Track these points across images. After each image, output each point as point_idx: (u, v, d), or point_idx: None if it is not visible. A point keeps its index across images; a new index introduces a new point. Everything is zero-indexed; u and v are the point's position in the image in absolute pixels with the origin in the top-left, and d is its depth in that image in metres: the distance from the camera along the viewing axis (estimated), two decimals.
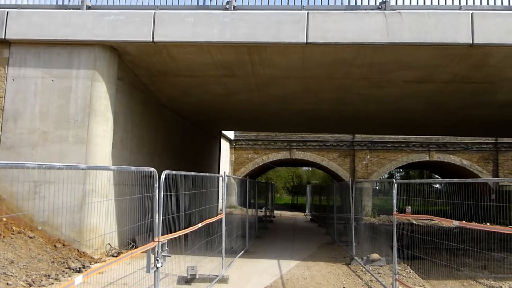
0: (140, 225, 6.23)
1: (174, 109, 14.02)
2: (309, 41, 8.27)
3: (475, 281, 10.28)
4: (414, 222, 22.97)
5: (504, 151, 28.59)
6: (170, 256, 5.45)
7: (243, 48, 8.84)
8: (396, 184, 7.39)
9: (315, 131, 27.53)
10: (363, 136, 29.03)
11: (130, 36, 8.71)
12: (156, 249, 4.95)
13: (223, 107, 14.53)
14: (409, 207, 17.87)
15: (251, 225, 14.57)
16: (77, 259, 7.96)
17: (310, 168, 52.67)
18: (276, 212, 29.02)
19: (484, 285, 9.97)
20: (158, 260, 4.93)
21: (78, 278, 3.16)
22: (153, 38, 8.64)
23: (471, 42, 7.78)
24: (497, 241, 14.24)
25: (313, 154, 30.45)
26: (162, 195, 5.16)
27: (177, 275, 7.80)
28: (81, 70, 8.98)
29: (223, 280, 7.98)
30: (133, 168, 5.06)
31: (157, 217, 5.05)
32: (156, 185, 5.07)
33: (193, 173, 7.37)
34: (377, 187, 29.30)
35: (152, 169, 5.02)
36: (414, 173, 46.81)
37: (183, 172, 6.60)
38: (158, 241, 5.01)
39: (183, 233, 6.29)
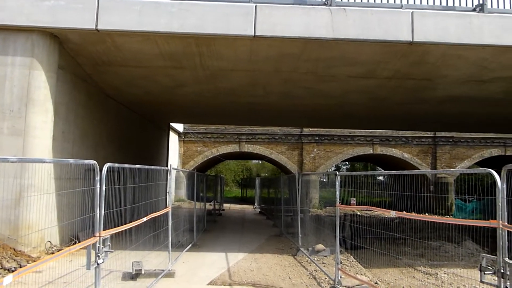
0: (84, 221, 6.01)
1: (120, 100, 13.61)
2: (257, 34, 8.28)
3: (413, 269, 10.83)
4: (358, 213, 23.79)
5: (441, 145, 30.22)
6: (113, 252, 5.29)
7: (191, 40, 8.71)
8: (339, 176, 7.60)
9: (264, 124, 27.78)
10: (310, 129, 29.65)
11: (72, 23, 8.31)
12: (97, 245, 4.80)
13: (171, 99, 14.29)
14: (354, 198, 18.46)
15: (200, 219, 14.48)
16: (12, 259, 7.54)
17: (260, 161, 53.06)
18: (226, 205, 29.02)
19: (421, 272, 10.51)
20: (99, 256, 4.77)
21: (8, 278, 2.98)
22: (96, 26, 8.29)
23: (411, 40, 8.12)
24: (434, 230, 15.07)
25: (262, 147, 30.72)
26: (104, 189, 4.99)
27: (122, 271, 7.61)
28: (18, 57, 8.47)
29: (170, 274, 7.89)
30: (71, 160, 4.84)
31: (98, 211, 4.88)
32: (97, 178, 4.89)
33: (137, 166, 7.19)
34: (324, 180, 30.10)
35: (93, 161, 4.84)
36: (359, 166, 48.43)
37: (127, 165, 6.42)
38: (100, 236, 4.85)
39: (126, 228, 6.14)
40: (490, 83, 10.57)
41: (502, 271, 3.80)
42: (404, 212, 6.97)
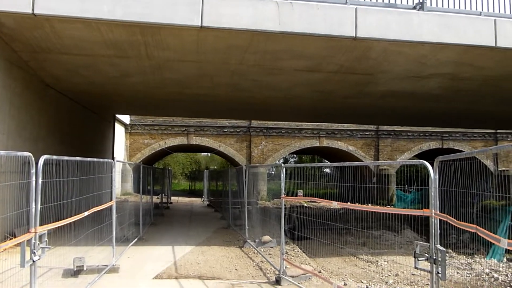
0: (19, 217, 5.67)
1: (61, 90, 12.99)
2: (204, 25, 8.16)
3: (355, 257, 11.24)
4: (305, 205, 24.31)
5: (384, 138, 31.49)
6: (50, 248, 5.07)
7: (135, 28, 8.43)
8: (284, 169, 7.71)
9: (213, 116, 27.61)
10: (259, 122, 29.87)
11: (5, 5, 7.75)
12: (33, 241, 4.57)
13: (116, 90, 13.83)
14: (301, 190, 18.82)
15: (146, 212, 14.22)
16: None
17: (209, 154, 52.77)
18: (174, 198, 28.67)
19: (363, 260, 10.94)
20: (34, 253, 4.55)
21: None
22: (33, 10, 7.80)
23: (354, 35, 8.32)
24: (376, 220, 15.70)
25: (211, 140, 30.56)
26: (40, 182, 4.75)
27: (63, 267, 7.34)
28: None
29: (114, 269, 7.69)
30: (2, 152, 4.53)
31: (33, 206, 4.64)
32: (33, 171, 4.65)
33: (78, 158, 6.91)
34: (272, 172, 30.44)
35: (27, 153, 4.58)
36: (307, 158, 49.42)
37: (66, 157, 6.15)
38: (35, 232, 4.62)
39: (66, 222, 5.89)
40: (429, 79, 11.10)
41: (434, 257, 4.01)
42: (349, 203, 7.18)
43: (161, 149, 30.99)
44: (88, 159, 7.43)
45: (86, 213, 6.65)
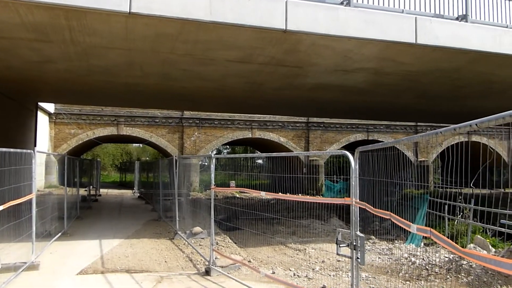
0: None
1: None
2: (132, 11, 7.84)
3: (285, 246, 11.52)
4: (237, 196, 24.48)
5: (314, 130, 32.47)
6: None
7: (58, 11, 7.91)
8: (214, 159, 7.69)
9: (144, 106, 26.82)
10: (191, 113, 29.49)
11: None
12: None
13: (38, 76, 12.94)
14: (233, 181, 18.90)
15: (72, 205, 13.60)
16: None
17: (141, 145, 51.39)
18: (103, 191, 27.68)
19: (292, 248, 11.24)
20: None
21: None
22: None
23: (285, 28, 8.43)
24: (305, 209, 16.19)
25: (142, 130, 29.70)
26: None
27: None
28: None
29: (33, 267, 7.28)
30: None
31: None
32: None
33: None
34: (205, 163, 30.26)
35: None
36: (240, 149, 49.72)
37: None
38: None
39: None
40: (354, 73, 11.55)
41: (354, 243, 4.21)
42: (280, 193, 7.32)
43: (89, 140, 29.63)
44: (3, 149, 6.91)
45: (0, 207, 6.20)
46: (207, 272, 7.38)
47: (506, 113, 2.17)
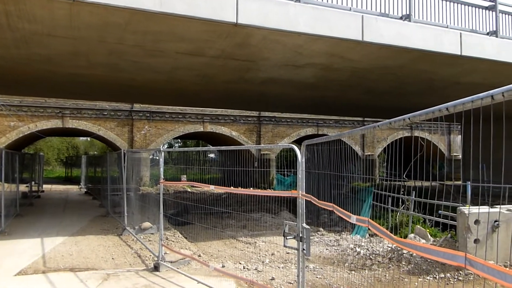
0: None
1: None
2: None
3: (235, 240, 11.56)
4: (189, 190, 24.26)
5: (265, 124, 32.71)
6: None
7: None
8: (163, 153, 7.57)
9: (91, 99, 25.89)
10: (141, 105, 28.79)
11: None
12: None
13: None
14: (185, 175, 18.66)
15: (10, 202, 12.93)
16: None
17: (88, 138, 49.63)
18: (46, 187, 26.54)
19: (242, 242, 11.30)
20: None
21: None
22: None
23: (235, 21, 8.40)
24: (256, 203, 16.32)
25: (89, 123, 28.62)
26: None
27: None
28: None
29: None
30: None
31: None
32: None
33: None
34: (156, 157, 29.68)
35: None
36: (191, 143, 49.24)
37: None
38: None
39: None
40: (304, 68, 11.73)
41: (300, 235, 4.29)
42: (232, 187, 7.32)
43: (31, 133, 28.17)
44: None
45: None
46: (156, 268, 7.27)
47: (435, 108, 2.28)
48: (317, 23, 9.19)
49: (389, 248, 8.08)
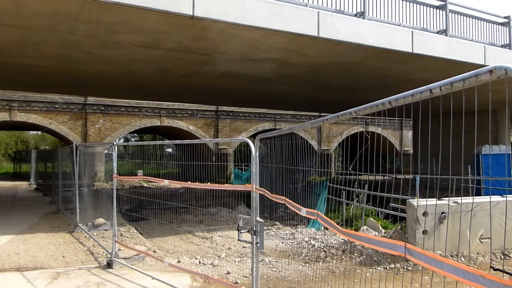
0: None
1: None
2: None
3: (192, 235, 11.49)
4: (145, 185, 23.84)
5: (223, 118, 32.58)
6: None
7: None
8: (116, 147, 7.39)
9: (42, 91, 24.71)
10: (96, 98, 27.86)
11: None
12: None
13: None
14: (141, 170, 18.29)
15: None
16: None
17: (39, 132, 47.59)
18: None
19: (199, 237, 11.24)
20: None
21: None
22: None
23: (192, 14, 8.30)
24: (214, 197, 16.26)
25: (40, 117, 27.38)
26: None
27: None
28: None
29: None
30: None
31: None
32: None
33: None
34: (111, 152, 28.87)
35: None
36: (148, 138, 48.34)
37: None
38: None
39: None
40: (261, 63, 11.76)
41: (254, 229, 4.31)
42: (189, 182, 7.24)
43: None
44: None
45: None
46: (109, 265, 7.10)
47: (379, 101, 2.36)
48: (274, 18, 9.23)
49: (342, 241, 8.29)
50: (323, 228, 12.22)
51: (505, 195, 8.34)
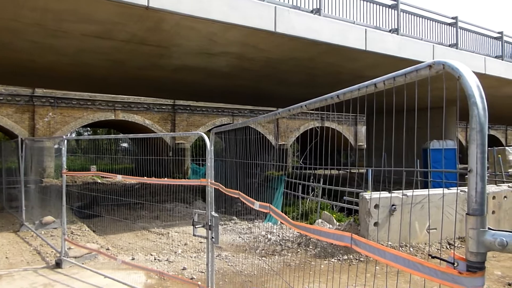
0: None
1: None
2: None
3: (148, 231, 11.26)
4: (99, 181, 23.15)
5: (180, 113, 32.07)
6: None
7: None
8: (65, 141, 7.09)
9: None
10: (44, 90, 26.57)
11: None
12: None
13: None
14: (94, 166, 17.69)
15: None
16: None
17: None
18: None
19: (155, 233, 11.04)
20: None
21: None
22: None
23: (146, 4, 8.05)
24: (170, 193, 15.99)
25: None
26: None
27: None
28: None
29: None
30: None
31: None
32: None
33: None
34: (62, 147, 27.72)
35: None
36: (102, 132, 46.92)
37: None
38: None
39: None
40: (218, 57, 11.64)
41: (209, 223, 4.25)
42: (145, 177, 7.04)
43: None
44: None
45: None
46: (58, 265, 6.80)
47: (328, 95, 2.38)
48: (231, 12, 9.14)
49: (298, 234, 8.37)
50: (279, 222, 12.32)
51: (450, 188, 8.72)
